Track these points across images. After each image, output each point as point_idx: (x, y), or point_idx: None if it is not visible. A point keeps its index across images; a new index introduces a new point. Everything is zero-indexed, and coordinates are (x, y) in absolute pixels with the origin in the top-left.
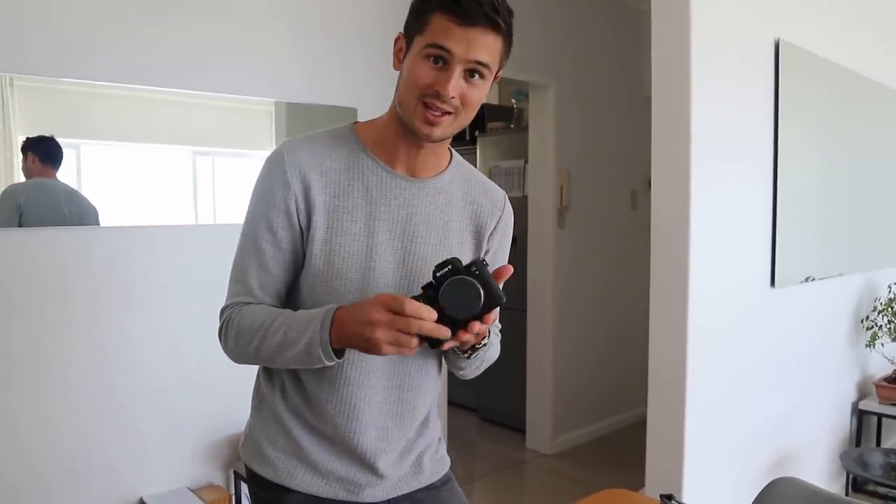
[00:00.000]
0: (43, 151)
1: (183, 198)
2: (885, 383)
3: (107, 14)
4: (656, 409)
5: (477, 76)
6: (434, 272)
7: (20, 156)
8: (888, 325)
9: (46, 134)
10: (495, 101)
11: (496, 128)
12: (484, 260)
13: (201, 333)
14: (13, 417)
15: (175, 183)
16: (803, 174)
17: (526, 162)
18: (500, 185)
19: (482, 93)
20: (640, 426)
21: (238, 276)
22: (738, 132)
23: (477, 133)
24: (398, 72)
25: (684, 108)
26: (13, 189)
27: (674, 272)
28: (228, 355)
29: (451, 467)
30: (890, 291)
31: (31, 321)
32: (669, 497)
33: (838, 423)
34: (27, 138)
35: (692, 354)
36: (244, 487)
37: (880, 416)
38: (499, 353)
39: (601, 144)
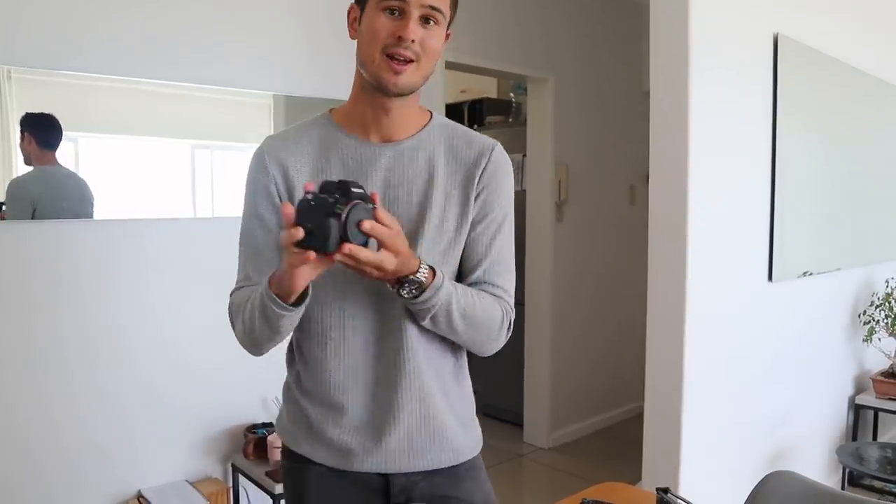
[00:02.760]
0: (41, 135)
1: (181, 191)
2: (881, 378)
3: (105, 6)
4: (653, 403)
5: (432, 22)
6: (322, 189)
7: (18, 141)
8: (885, 320)
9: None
10: (494, 95)
11: (495, 121)
12: (360, 203)
13: (200, 326)
14: (9, 412)
15: (173, 176)
16: (801, 169)
17: (524, 156)
18: None
19: (439, 39)
20: (637, 420)
21: (239, 268)
22: (737, 127)
23: (476, 127)
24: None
25: (682, 103)
26: (22, 181)
27: (671, 266)
28: (242, 345)
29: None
30: (887, 286)
31: (25, 315)
32: (666, 490)
33: (835, 417)
34: (26, 114)
35: (689, 349)
36: (242, 480)
37: (877, 410)
38: (496, 321)
39: (600, 139)
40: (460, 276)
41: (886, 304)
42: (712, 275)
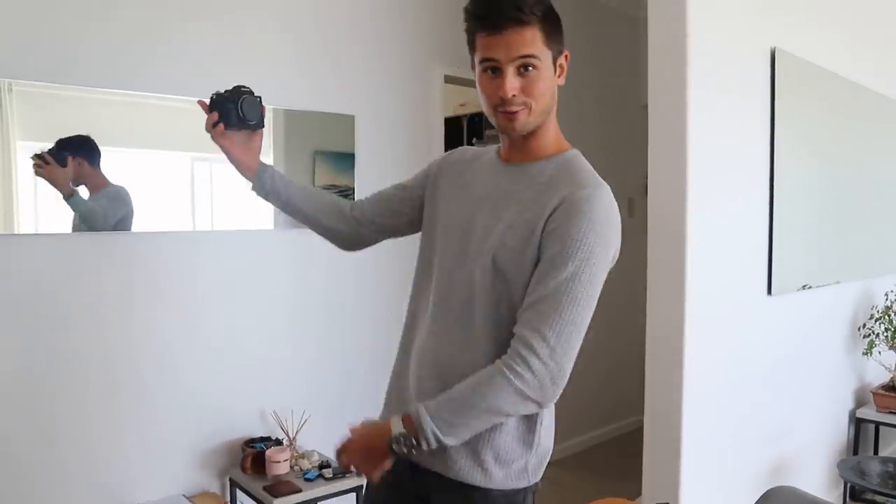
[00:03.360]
0: (88, 153)
1: (181, 204)
2: (882, 391)
3: (105, 20)
4: (653, 418)
5: (530, 68)
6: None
7: (21, 158)
8: (885, 333)
9: (50, 140)
10: None
11: (494, 135)
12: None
13: (197, 339)
14: (4, 424)
15: (173, 189)
16: (800, 182)
17: None
18: None
19: (542, 80)
20: (637, 434)
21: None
22: (735, 140)
23: (474, 141)
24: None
25: (680, 116)
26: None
27: (671, 279)
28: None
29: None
30: (887, 299)
31: (22, 327)
32: None
33: (835, 431)
34: (62, 140)
35: (689, 362)
36: (240, 495)
37: (878, 424)
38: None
39: (598, 152)
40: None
41: (886, 317)
42: (712, 288)
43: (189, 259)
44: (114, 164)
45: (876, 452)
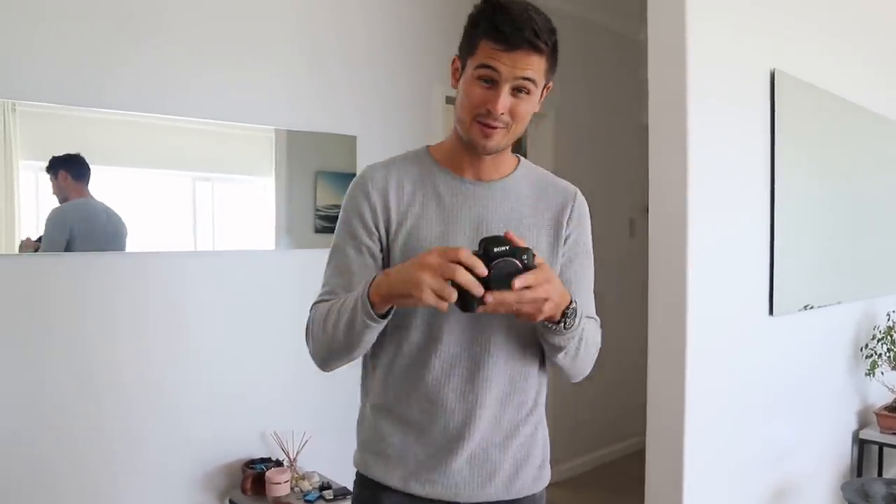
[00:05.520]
0: (75, 169)
1: (182, 223)
2: (885, 412)
3: (108, 41)
4: (655, 439)
5: (524, 92)
6: (486, 244)
7: (23, 177)
8: (887, 354)
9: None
10: None
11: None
12: (533, 253)
13: (197, 360)
14: (2, 446)
15: (175, 208)
16: (801, 202)
17: None
18: None
19: (530, 105)
20: (639, 455)
21: (325, 279)
22: (735, 160)
23: None
24: (455, 90)
25: (680, 136)
26: (62, 211)
27: (672, 299)
28: (314, 359)
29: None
30: (889, 319)
31: (20, 345)
32: None
33: (839, 452)
34: (54, 157)
35: (691, 383)
36: None
37: (882, 445)
38: (598, 344)
39: (599, 172)
40: None
41: (888, 337)
42: (713, 308)
43: (191, 279)
44: (116, 183)
45: (880, 474)
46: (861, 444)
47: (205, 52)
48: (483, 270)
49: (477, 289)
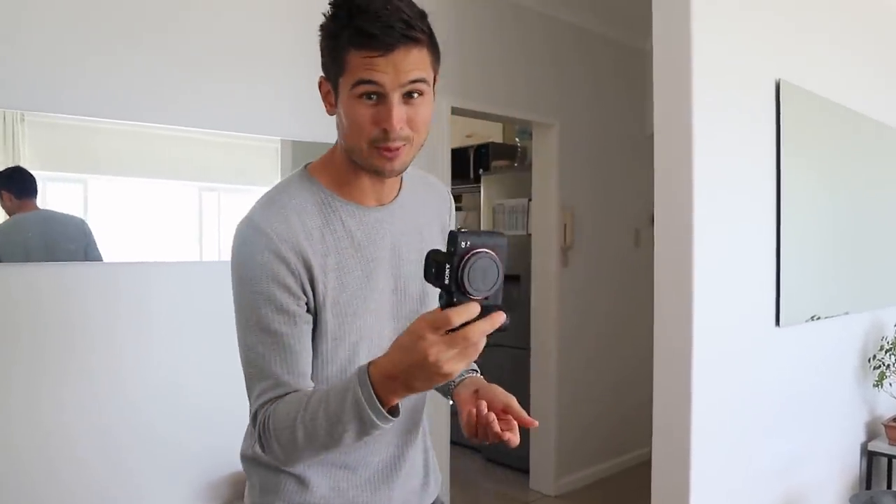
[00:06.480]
0: (16, 187)
1: (188, 234)
2: (894, 423)
3: (115, 52)
4: (661, 450)
5: (416, 94)
6: (432, 278)
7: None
8: (895, 365)
9: (60, 168)
10: (499, 139)
11: (500, 166)
12: (459, 228)
13: (204, 370)
14: (9, 456)
15: (180, 219)
16: (807, 212)
17: (530, 200)
18: (503, 224)
19: (427, 107)
20: (644, 467)
21: (258, 373)
22: (741, 170)
23: (481, 171)
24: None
25: (686, 147)
26: (18, 221)
27: (678, 311)
28: (276, 462)
29: None
30: None
31: (28, 357)
32: None
33: (847, 464)
34: None
35: (697, 394)
36: None
37: (890, 457)
38: None
39: (604, 182)
40: None
41: None
42: (719, 319)
43: (196, 289)
44: (122, 193)
45: (889, 486)
46: (870, 456)
47: (211, 63)
48: (475, 309)
49: (497, 321)
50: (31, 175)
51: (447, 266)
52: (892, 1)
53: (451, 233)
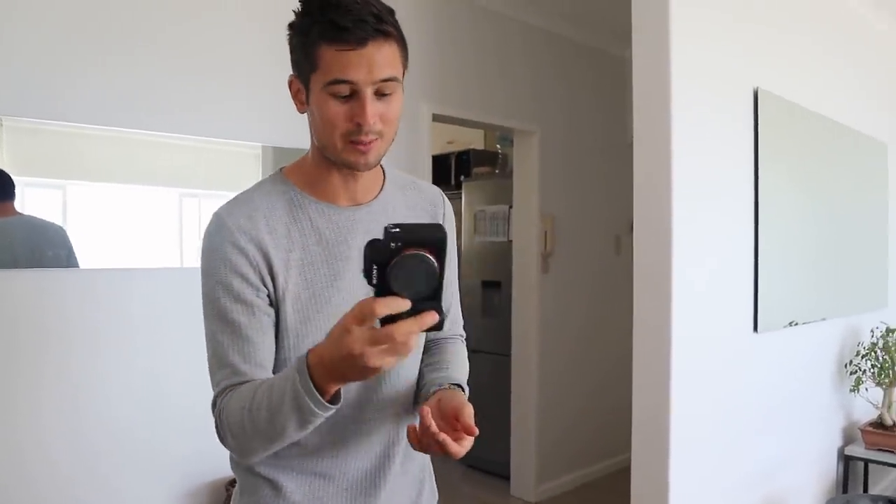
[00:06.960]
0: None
1: (169, 240)
2: (870, 428)
3: (95, 56)
4: (640, 456)
5: (388, 91)
6: (365, 276)
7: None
8: (872, 370)
9: (38, 173)
10: (481, 146)
11: (481, 173)
12: (393, 225)
13: (182, 376)
14: None
15: (161, 225)
16: (784, 219)
17: (510, 207)
18: (485, 230)
19: (398, 103)
20: (625, 473)
21: (217, 362)
22: (719, 178)
23: (462, 178)
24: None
25: (665, 154)
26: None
27: (657, 317)
28: (234, 454)
29: None
30: (872, 336)
31: (4, 363)
32: None
33: (824, 468)
34: None
35: (676, 400)
36: None
37: (867, 461)
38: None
39: (585, 190)
40: None
41: (872, 353)
42: (697, 325)
43: (177, 294)
44: (102, 199)
45: (865, 490)
46: (846, 461)
47: (192, 69)
48: (404, 303)
49: (428, 320)
50: (10, 178)
51: (375, 266)
52: (866, 11)
53: (385, 228)
